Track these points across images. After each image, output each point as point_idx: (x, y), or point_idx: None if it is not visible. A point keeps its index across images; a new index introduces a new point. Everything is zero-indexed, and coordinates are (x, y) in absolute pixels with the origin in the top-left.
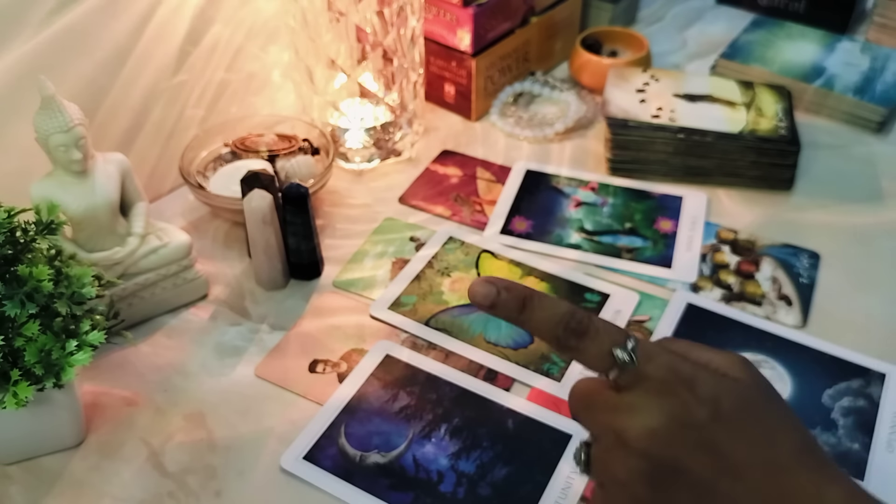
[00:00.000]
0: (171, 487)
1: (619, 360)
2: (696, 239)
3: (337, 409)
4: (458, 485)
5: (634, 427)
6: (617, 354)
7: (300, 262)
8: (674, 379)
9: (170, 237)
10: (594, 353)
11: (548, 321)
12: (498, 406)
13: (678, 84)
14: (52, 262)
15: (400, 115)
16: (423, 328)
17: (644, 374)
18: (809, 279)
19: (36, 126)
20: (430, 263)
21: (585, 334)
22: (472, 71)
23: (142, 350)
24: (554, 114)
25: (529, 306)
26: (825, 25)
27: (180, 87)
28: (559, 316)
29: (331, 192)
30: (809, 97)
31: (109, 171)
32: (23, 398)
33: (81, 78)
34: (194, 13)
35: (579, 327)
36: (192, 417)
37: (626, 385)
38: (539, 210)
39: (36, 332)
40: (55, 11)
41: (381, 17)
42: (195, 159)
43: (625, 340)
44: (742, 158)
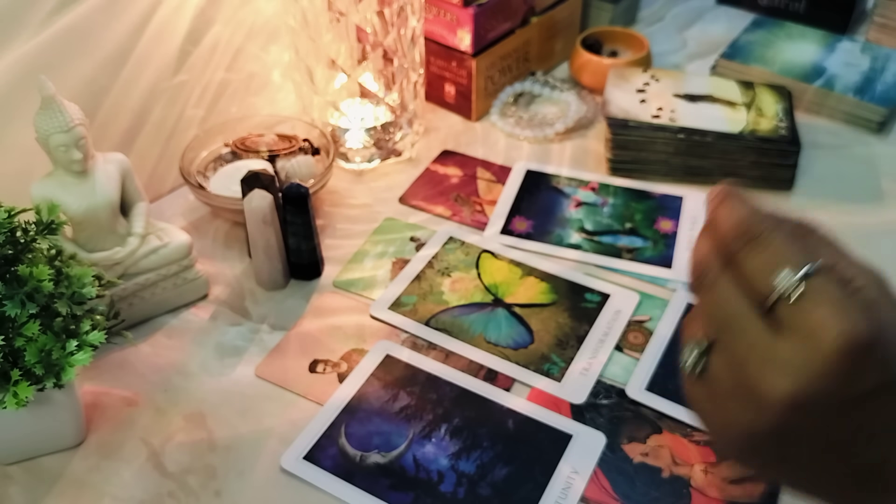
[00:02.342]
0: (172, 487)
1: (777, 286)
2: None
3: (337, 409)
4: (458, 485)
5: (777, 390)
6: (777, 278)
7: (300, 262)
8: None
9: (170, 237)
10: (755, 269)
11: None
12: (498, 406)
13: (678, 84)
14: (53, 262)
15: (400, 115)
16: (423, 328)
17: (804, 320)
18: None
19: (36, 126)
20: (431, 263)
21: (756, 242)
22: (473, 71)
23: (142, 350)
24: (554, 114)
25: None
26: (825, 25)
27: (180, 87)
28: (743, 216)
29: (331, 192)
30: (810, 97)
31: (110, 171)
32: (23, 398)
33: (82, 78)
34: (194, 13)
35: (753, 231)
36: (192, 417)
37: (780, 324)
38: (539, 210)
39: (36, 332)
40: (55, 11)
41: (382, 17)
42: (195, 159)
43: (800, 264)
44: (742, 158)
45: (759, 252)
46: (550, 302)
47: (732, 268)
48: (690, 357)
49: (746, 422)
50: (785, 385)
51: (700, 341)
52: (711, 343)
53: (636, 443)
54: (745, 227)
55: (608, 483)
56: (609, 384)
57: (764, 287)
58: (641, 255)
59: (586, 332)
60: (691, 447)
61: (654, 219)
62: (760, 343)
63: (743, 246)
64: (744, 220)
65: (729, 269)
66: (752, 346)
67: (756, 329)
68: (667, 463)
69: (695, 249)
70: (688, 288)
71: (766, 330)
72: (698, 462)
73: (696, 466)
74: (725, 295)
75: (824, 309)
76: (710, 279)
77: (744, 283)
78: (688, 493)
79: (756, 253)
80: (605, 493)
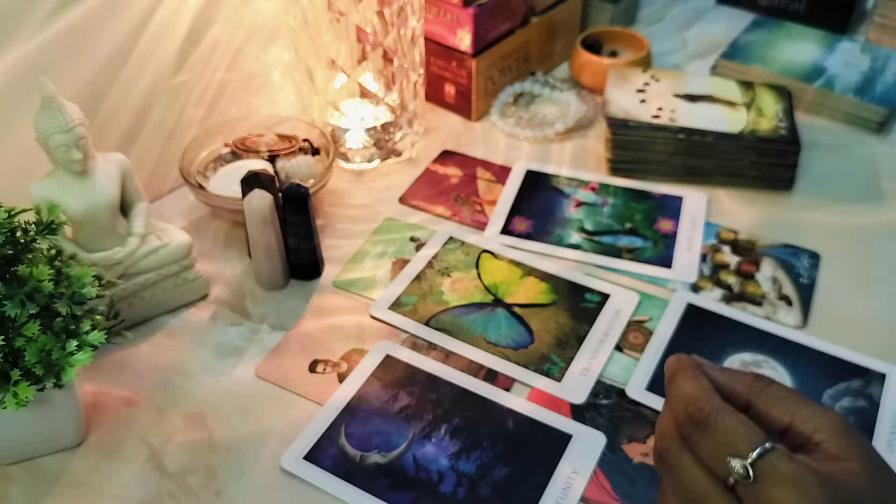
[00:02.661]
0: (172, 487)
1: (733, 472)
2: (696, 239)
3: (337, 409)
4: (458, 485)
5: None
6: (732, 465)
7: (300, 262)
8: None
9: (170, 237)
10: (708, 454)
11: (679, 400)
12: (498, 406)
13: (678, 84)
14: (53, 262)
15: (400, 116)
16: (423, 328)
17: (765, 498)
18: (810, 279)
19: (36, 126)
20: (431, 263)
21: (703, 428)
22: (473, 71)
23: (142, 350)
24: (554, 114)
25: (672, 381)
26: (825, 25)
27: (180, 87)
28: (688, 396)
29: (331, 192)
30: (809, 97)
31: (110, 171)
32: (23, 398)
33: (82, 78)
34: (194, 13)
35: (699, 416)
36: (192, 417)
37: (744, 499)
38: (539, 210)
39: (36, 332)
40: (55, 11)
41: (382, 17)
42: (195, 159)
43: (750, 449)
44: (742, 158)
45: (708, 438)
46: (550, 302)
47: (689, 449)
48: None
49: None
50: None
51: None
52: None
53: (636, 443)
54: (693, 411)
55: (608, 483)
56: (609, 384)
57: (721, 470)
58: (641, 255)
59: (586, 332)
60: None
61: (654, 219)
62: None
63: (693, 430)
64: (692, 401)
65: (686, 450)
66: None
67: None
68: None
69: (657, 424)
70: (654, 462)
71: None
72: None
73: None
74: (689, 474)
75: (781, 490)
76: (672, 459)
77: (702, 464)
78: None
79: (706, 439)
80: (605, 493)
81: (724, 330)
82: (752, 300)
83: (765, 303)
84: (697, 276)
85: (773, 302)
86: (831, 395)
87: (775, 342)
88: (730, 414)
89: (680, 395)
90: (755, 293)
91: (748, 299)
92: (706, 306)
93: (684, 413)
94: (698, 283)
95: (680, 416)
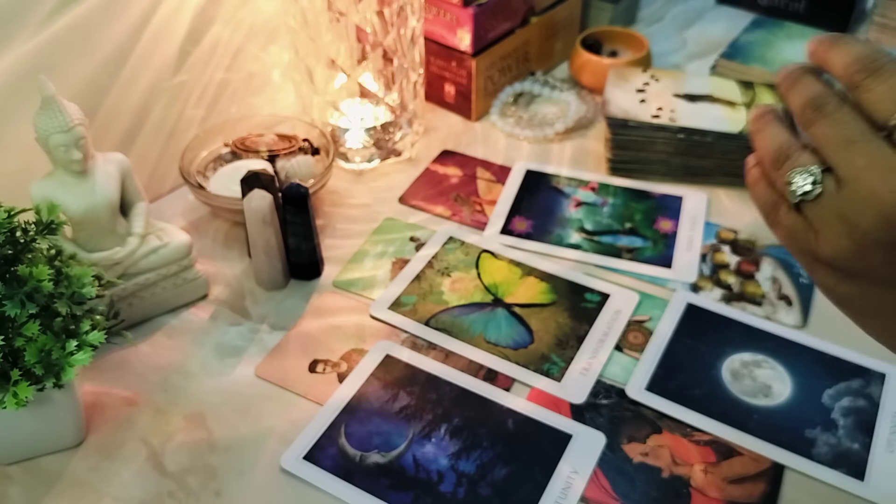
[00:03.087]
0: (171, 487)
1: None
2: (696, 239)
3: (337, 409)
4: (458, 485)
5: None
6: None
7: (300, 262)
8: None
9: (170, 237)
10: (881, 97)
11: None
12: (498, 406)
13: (678, 84)
14: (52, 262)
15: (400, 115)
16: (423, 328)
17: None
18: (810, 279)
19: (36, 126)
20: (430, 263)
21: (880, 74)
22: (472, 71)
23: (142, 350)
24: (554, 114)
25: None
26: (825, 25)
27: (180, 87)
28: (862, 52)
29: (331, 192)
30: None
31: (109, 171)
32: (23, 398)
33: (81, 78)
34: (194, 13)
35: (876, 65)
36: (192, 417)
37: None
38: (539, 210)
39: (36, 332)
40: (55, 11)
41: (381, 17)
42: (195, 159)
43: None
44: (742, 158)
45: (882, 82)
46: (550, 302)
47: (854, 96)
48: (804, 183)
49: (863, 229)
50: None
51: (810, 169)
52: (825, 168)
53: (636, 443)
54: (866, 61)
55: (608, 483)
56: (609, 384)
57: (886, 113)
58: (641, 254)
59: (586, 332)
60: (691, 447)
61: (653, 219)
62: (882, 155)
63: (865, 77)
64: (864, 55)
65: (848, 99)
66: (874, 157)
67: (877, 143)
68: (667, 463)
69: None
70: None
71: (887, 146)
72: (698, 462)
73: (695, 466)
74: (848, 118)
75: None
76: (831, 108)
77: (863, 110)
78: (688, 493)
79: (879, 82)
80: (605, 493)
81: (724, 330)
82: (752, 300)
83: (765, 303)
84: (697, 275)
85: (772, 302)
86: (831, 394)
87: (775, 342)
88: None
89: (852, 49)
90: (755, 293)
91: (748, 299)
92: (706, 306)
93: (861, 63)
94: (698, 283)
95: (851, 66)
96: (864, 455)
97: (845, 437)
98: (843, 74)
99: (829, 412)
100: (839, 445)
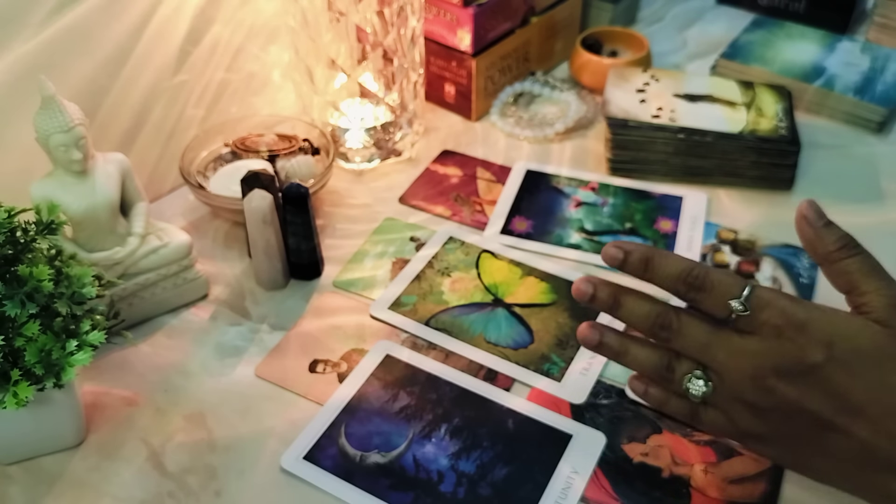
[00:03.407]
0: (171, 487)
1: (734, 310)
2: (696, 239)
3: (337, 409)
4: (458, 485)
5: (754, 368)
6: (733, 306)
7: (300, 262)
8: (787, 324)
9: (170, 237)
10: (712, 305)
11: (668, 278)
12: (498, 406)
13: (678, 84)
14: (53, 262)
15: (400, 115)
16: (423, 328)
17: (759, 321)
18: (810, 279)
19: (36, 126)
20: (431, 263)
21: (702, 289)
22: (473, 71)
23: (142, 350)
24: (554, 114)
25: (651, 267)
26: (825, 25)
27: (180, 87)
28: (678, 272)
29: (331, 192)
30: (809, 97)
31: (109, 171)
32: (23, 398)
33: (82, 78)
34: (194, 13)
35: (696, 282)
36: (192, 417)
37: (745, 330)
38: (539, 210)
39: (36, 332)
40: (55, 11)
41: (382, 17)
42: (195, 159)
43: (741, 291)
44: (742, 158)
45: (707, 295)
46: (550, 302)
47: (690, 308)
48: (696, 385)
49: (751, 401)
50: (760, 362)
51: (695, 372)
52: (703, 366)
53: (636, 443)
54: (690, 279)
55: (608, 483)
56: (609, 384)
57: (722, 312)
58: None
59: None
60: (691, 447)
61: (653, 219)
62: (733, 343)
63: (694, 293)
64: (685, 272)
65: (683, 312)
66: (729, 349)
67: (725, 336)
68: (667, 463)
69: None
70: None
71: (734, 334)
72: (698, 462)
73: (695, 466)
74: (692, 327)
75: (768, 312)
76: (676, 324)
77: (704, 315)
78: (688, 492)
79: (705, 295)
80: (605, 493)
81: None
82: None
83: None
84: None
85: None
86: None
87: None
88: (714, 271)
89: (669, 272)
90: None
91: None
92: None
93: (682, 283)
94: None
95: (677, 287)
96: None
97: None
98: (672, 290)
99: None
100: None
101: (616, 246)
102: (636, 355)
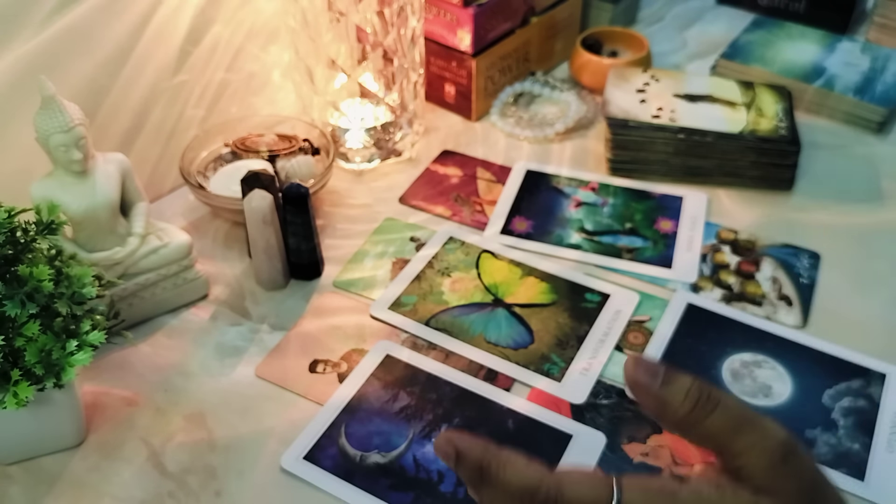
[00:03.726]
0: (171, 487)
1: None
2: (696, 239)
3: (337, 409)
4: (458, 485)
5: None
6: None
7: (300, 262)
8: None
9: (170, 237)
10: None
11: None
12: (498, 406)
13: (678, 84)
14: (53, 262)
15: (400, 115)
16: (423, 328)
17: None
18: (810, 279)
19: (36, 126)
20: (431, 263)
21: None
22: (473, 71)
23: (142, 350)
24: (554, 114)
25: (486, 478)
26: (825, 25)
27: (180, 87)
28: (521, 489)
29: (331, 192)
30: (810, 97)
31: (110, 171)
32: (23, 398)
33: (82, 78)
34: (194, 13)
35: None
36: (192, 417)
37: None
38: (539, 210)
39: (36, 332)
40: (55, 11)
41: (382, 17)
42: (195, 159)
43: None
44: (742, 158)
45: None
46: (550, 302)
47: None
48: None
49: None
50: None
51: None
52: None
53: (636, 443)
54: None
55: None
56: (609, 384)
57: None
58: (641, 255)
59: (586, 332)
60: (691, 447)
61: (653, 219)
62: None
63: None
64: (530, 493)
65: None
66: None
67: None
68: (667, 463)
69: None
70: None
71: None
72: (698, 462)
73: (696, 466)
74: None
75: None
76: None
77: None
78: None
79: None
80: None
81: (725, 330)
82: (752, 300)
83: (765, 303)
84: (697, 276)
85: (773, 302)
86: (831, 395)
87: (775, 342)
88: (568, 484)
89: (512, 490)
90: (755, 293)
91: (748, 299)
92: (706, 306)
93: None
94: (698, 283)
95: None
96: (865, 455)
97: (845, 437)
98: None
99: (830, 412)
100: (839, 445)
101: (448, 440)
102: None
